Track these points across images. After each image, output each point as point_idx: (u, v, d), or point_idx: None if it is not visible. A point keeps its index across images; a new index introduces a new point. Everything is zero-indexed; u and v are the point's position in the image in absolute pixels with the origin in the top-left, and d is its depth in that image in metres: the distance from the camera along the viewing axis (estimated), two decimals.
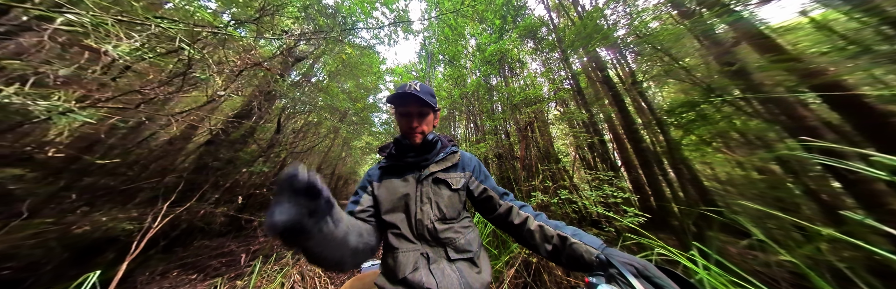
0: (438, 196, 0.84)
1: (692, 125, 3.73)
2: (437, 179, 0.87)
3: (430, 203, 0.83)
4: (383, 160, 0.94)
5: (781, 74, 2.65)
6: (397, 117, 0.90)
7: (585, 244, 0.68)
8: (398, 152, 0.91)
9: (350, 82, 8.06)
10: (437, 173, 0.88)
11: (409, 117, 0.86)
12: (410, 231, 0.80)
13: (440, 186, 0.86)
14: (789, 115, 2.69)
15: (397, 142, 0.90)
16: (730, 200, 3.43)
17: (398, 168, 0.90)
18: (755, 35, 2.88)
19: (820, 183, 2.71)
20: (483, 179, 0.95)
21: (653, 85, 5.99)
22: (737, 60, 3.00)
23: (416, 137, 0.87)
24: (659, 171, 4.63)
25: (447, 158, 0.92)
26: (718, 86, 3.23)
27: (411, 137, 0.87)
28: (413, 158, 0.89)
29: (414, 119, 0.86)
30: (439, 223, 0.81)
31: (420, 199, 0.83)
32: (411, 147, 0.88)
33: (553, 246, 0.74)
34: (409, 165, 0.89)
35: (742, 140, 3.85)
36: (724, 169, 4.54)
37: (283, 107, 4.67)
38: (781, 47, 2.74)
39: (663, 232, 4.22)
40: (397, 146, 0.91)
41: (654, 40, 4.10)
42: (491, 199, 0.92)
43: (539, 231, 0.78)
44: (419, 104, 0.84)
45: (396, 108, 0.88)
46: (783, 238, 2.16)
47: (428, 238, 0.79)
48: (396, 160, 0.90)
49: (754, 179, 3.59)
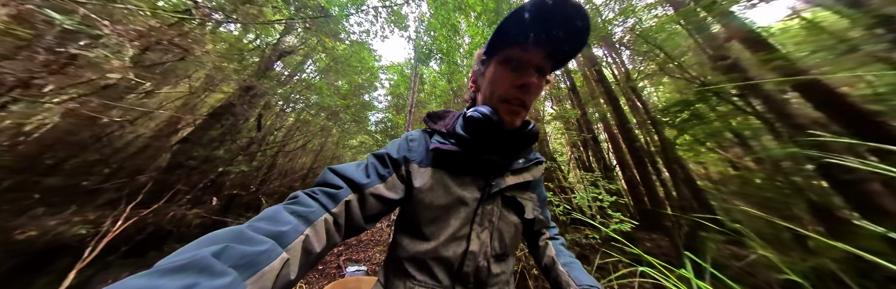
0: (505, 223, 0.57)
1: (686, 125, 3.71)
2: (509, 199, 0.58)
3: (492, 231, 0.55)
4: (439, 138, 0.57)
5: (771, 71, 2.63)
6: (494, 70, 0.53)
7: (571, 279, 0.59)
8: (473, 138, 0.55)
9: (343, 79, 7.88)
10: (513, 190, 0.59)
11: (522, 71, 0.50)
12: (449, 266, 0.51)
13: (509, 211, 0.58)
14: (780, 112, 2.64)
15: (472, 120, 0.52)
16: (726, 205, 3.38)
17: (462, 163, 0.56)
18: (747, 32, 2.92)
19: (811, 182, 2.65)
20: (543, 205, 0.70)
21: (648, 84, 6.03)
22: (730, 56, 2.98)
23: (516, 115, 0.53)
24: (653, 170, 4.62)
25: (529, 169, 0.61)
26: (713, 82, 3.26)
27: (508, 114, 0.52)
28: (495, 156, 0.56)
29: (531, 74, 0.50)
30: (495, 263, 0.54)
31: (480, 221, 0.54)
32: (498, 134, 0.53)
33: (545, 266, 0.66)
34: (480, 165, 0.56)
35: (736, 140, 3.85)
36: (718, 169, 4.54)
37: (265, 104, 4.49)
38: (771, 45, 2.72)
39: (657, 232, 4.15)
40: (471, 126, 0.54)
41: (649, 36, 4.04)
42: (538, 234, 0.70)
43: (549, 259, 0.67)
44: (565, 40, 0.48)
45: (505, 48, 0.51)
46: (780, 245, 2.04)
47: (471, 281, 0.51)
48: (467, 149, 0.55)
49: (747, 179, 3.58)
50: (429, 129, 0.63)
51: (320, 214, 0.40)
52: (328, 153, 9.24)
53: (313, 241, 0.36)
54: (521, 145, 0.58)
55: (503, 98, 0.52)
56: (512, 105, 0.51)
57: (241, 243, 0.28)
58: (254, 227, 0.33)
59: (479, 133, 0.53)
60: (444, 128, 0.59)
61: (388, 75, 10.61)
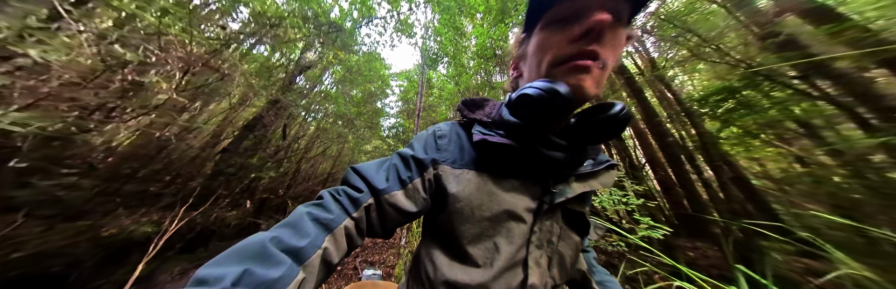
0: (566, 245, 0.44)
1: (733, 115, 3.07)
2: (572, 214, 0.45)
3: (551, 254, 0.43)
4: (481, 129, 0.44)
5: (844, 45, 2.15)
6: (543, 36, 0.39)
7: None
8: (529, 124, 0.41)
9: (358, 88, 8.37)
10: (575, 202, 0.45)
11: (585, 17, 0.34)
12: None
13: (572, 229, 0.45)
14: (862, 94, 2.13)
15: (526, 97, 0.38)
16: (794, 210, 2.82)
17: (511, 161, 0.43)
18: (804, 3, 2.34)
19: None
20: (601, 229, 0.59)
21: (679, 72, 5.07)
22: (783, 31, 2.47)
23: (589, 75, 0.36)
24: (692, 169, 3.96)
25: (598, 175, 0.47)
26: (763, 64, 2.58)
27: (572, 73, 0.37)
28: (561, 149, 0.42)
29: (600, 14, 0.33)
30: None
31: (538, 242, 0.42)
32: (565, 116, 0.42)
33: (574, 280, 0.57)
34: (539, 164, 0.42)
35: (802, 130, 3.13)
36: (779, 165, 3.79)
37: (289, 115, 4.95)
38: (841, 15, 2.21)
39: (702, 240, 3.44)
40: (525, 107, 0.39)
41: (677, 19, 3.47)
42: None
43: None
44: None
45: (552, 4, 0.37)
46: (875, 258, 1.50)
47: None
48: (523, 142, 0.41)
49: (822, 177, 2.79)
50: (463, 119, 0.49)
51: (341, 220, 0.37)
52: (345, 158, 9.73)
53: (332, 252, 0.35)
54: (600, 136, 0.42)
55: (558, 60, 0.37)
56: (574, 62, 0.36)
57: (262, 264, 0.28)
58: (276, 239, 0.32)
59: (537, 115, 0.38)
60: (487, 117, 0.45)
61: (399, 82, 11.15)
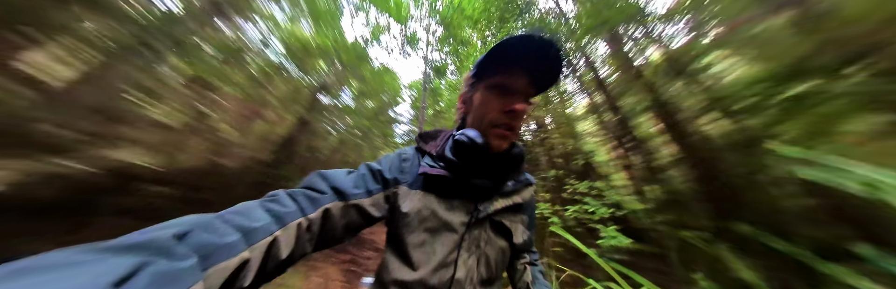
0: (492, 248, 0.56)
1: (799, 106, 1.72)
2: (497, 224, 0.58)
3: (479, 256, 0.54)
4: (429, 160, 0.57)
5: None
6: (483, 95, 0.55)
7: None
8: (462, 161, 0.55)
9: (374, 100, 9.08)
10: (503, 214, 0.59)
11: (510, 96, 0.52)
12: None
13: (498, 235, 0.58)
14: None
15: (460, 144, 0.53)
16: None
17: (450, 187, 0.55)
18: None
19: None
20: (531, 228, 0.69)
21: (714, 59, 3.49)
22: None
23: (505, 139, 0.54)
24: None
25: (519, 192, 0.62)
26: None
27: (496, 138, 0.53)
28: (485, 180, 0.56)
29: (519, 99, 0.52)
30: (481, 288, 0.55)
31: (467, 246, 0.54)
32: (484, 159, 0.54)
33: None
34: (469, 189, 0.56)
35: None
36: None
37: (313, 130, 5.66)
38: None
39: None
40: (460, 151, 0.54)
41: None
42: (519, 256, 0.70)
43: None
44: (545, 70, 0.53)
45: (492, 75, 0.54)
46: None
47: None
48: (456, 174, 0.54)
49: None
50: (420, 148, 0.61)
51: (296, 216, 0.39)
52: None
53: (281, 244, 0.35)
54: (510, 168, 0.57)
55: (492, 123, 0.53)
56: (501, 130, 0.52)
57: (208, 232, 0.28)
58: (224, 218, 0.32)
59: (466, 157, 0.53)
60: (434, 150, 0.58)
61: (411, 92, 11.94)
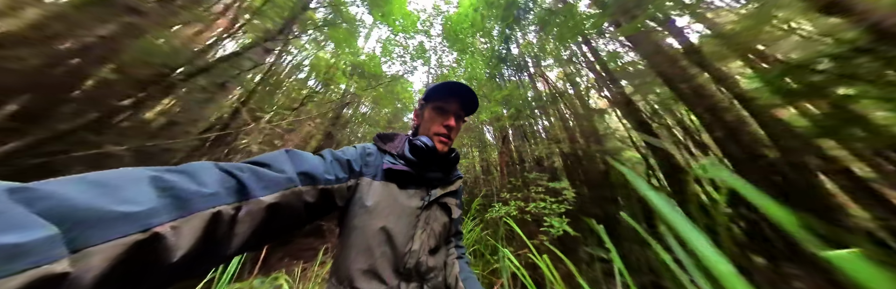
0: (437, 223, 0.70)
1: None
2: (442, 205, 0.74)
3: (430, 230, 0.67)
4: (391, 158, 0.71)
5: None
6: (430, 113, 0.78)
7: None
8: (419, 160, 0.71)
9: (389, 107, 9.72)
10: (446, 197, 0.75)
11: (447, 116, 0.76)
12: (393, 266, 0.60)
13: (443, 213, 0.73)
14: None
15: (417, 147, 0.71)
16: None
17: (408, 179, 0.70)
18: None
19: None
20: (460, 208, 0.84)
21: None
22: None
23: (445, 144, 0.76)
24: None
25: (454, 182, 0.80)
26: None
27: (439, 143, 0.74)
28: (437, 173, 0.76)
29: (452, 118, 0.76)
30: (430, 256, 0.65)
31: (422, 225, 0.66)
32: (432, 157, 0.72)
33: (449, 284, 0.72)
34: (423, 180, 0.73)
35: None
36: None
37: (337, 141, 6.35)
38: None
39: None
40: (415, 151, 0.72)
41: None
42: (449, 242, 0.81)
43: None
44: (468, 101, 0.78)
45: (436, 100, 0.78)
46: None
47: (412, 275, 0.61)
48: (416, 169, 0.70)
49: None
50: (380, 148, 0.76)
51: (258, 194, 0.37)
52: None
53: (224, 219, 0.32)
54: (451, 165, 0.81)
55: (436, 133, 0.76)
56: (441, 138, 0.75)
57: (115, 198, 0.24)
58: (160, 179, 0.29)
59: (421, 156, 0.71)
60: (395, 150, 0.74)
61: None
